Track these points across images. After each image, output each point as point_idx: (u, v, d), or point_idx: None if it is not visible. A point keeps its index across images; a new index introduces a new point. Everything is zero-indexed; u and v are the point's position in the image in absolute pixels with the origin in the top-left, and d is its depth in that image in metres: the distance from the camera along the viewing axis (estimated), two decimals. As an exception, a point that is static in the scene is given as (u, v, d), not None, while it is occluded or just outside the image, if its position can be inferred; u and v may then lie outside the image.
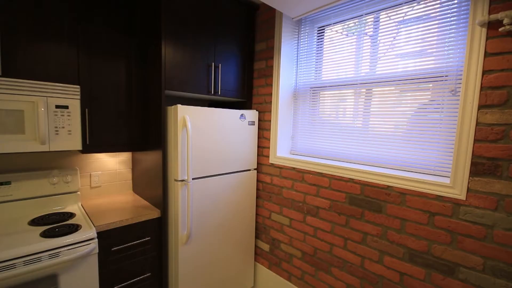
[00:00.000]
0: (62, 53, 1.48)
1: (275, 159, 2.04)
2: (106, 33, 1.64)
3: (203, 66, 1.82)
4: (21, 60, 1.37)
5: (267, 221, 2.17)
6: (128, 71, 1.76)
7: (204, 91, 1.84)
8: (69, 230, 1.42)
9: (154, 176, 1.80)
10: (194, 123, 1.68)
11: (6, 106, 1.31)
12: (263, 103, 2.13)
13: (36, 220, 1.52)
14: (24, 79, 1.36)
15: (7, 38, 1.32)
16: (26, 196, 1.62)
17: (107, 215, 1.64)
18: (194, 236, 1.76)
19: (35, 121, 1.39)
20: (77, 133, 1.53)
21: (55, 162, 1.79)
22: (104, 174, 2.01)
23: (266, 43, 2.08)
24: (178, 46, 1.68)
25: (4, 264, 1.17)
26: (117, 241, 1.57)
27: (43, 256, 1.27)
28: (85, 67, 1.57)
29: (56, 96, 1.44)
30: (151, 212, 1.71)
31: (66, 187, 1.75)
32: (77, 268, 1.38)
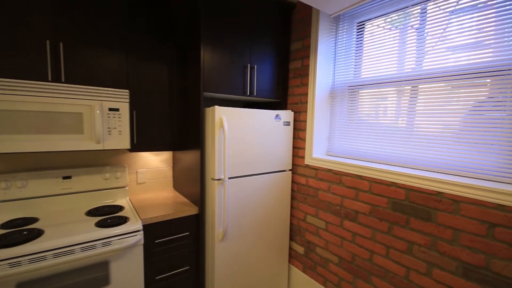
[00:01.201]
0: (114, 60, 1.64)
1: (311, 160, 2.00)
2: (150, 40, 1.77)
3: (239, 67, 1.85)
4: (79, 68, 1.54)
5: (302, 223, 2.13)
6: (170, 75, 1.87)
7: (239, 92, 1.88)
8: (119, 221, 1.55)
9: (192, 175, 1.88)
10: (230, 124, 1.72)
11: (69, 109, 1.49)
12: (298, 103, 2.10)
13: (91, 211, 1.70)
14: (83, 85, 1.53)
15: (68, 49, 1.50)
16: (83, 189, 1.82)
17: (151, 209, 1.76)
18: (230, 234, 1.80)
19: (92, 122, 1.55)
20: (126, 133, 1.67)
21: (107, 159, 1.97)
22: (148, 172, 2.16)
23: (302, 42, 2.04)
24: (216, 49, 1.73)
25: (65, 250, 1.33)
26: (160, 234, 1.67)
27: (97, 244, 1.41)
28: (133, 73, 1.72)
29: (109, 100, 1.59)
30: (190, 208, 1.79)
31: (116, 182, 1.92)
32: (125, 256, 1.50)
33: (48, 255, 1.28)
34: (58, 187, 1.72)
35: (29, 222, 1.51)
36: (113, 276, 1.47)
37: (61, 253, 1.31)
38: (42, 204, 1.68)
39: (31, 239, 1.31)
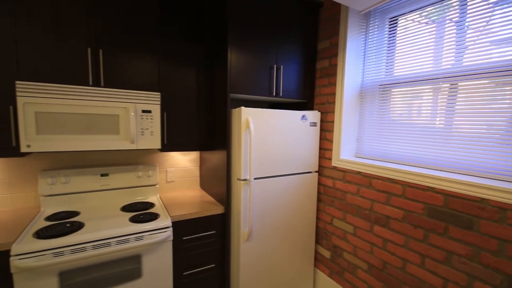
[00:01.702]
0: (147, 65, 1.73)
1: (338, 162, 1.94)
2: (180, 45, 1.84)
3: (265, 68, 1.86)
4: (116, 73, 1.64)
5: (328, 226, 2.07)
6: (198, 77, 1.93)
7: (265, 93, 1.88)
8: (150, 217, 1.63)
9: (219, 174, 1.92)
10: (256, 124, 1.73)
11: (107, 111, 1.60)
12: (325, 103, 2.05)
13: (126, 207, 1.80)
14: (119, 89, 1.63)
15: (107, 55, 1.61)
16: (119, 186, 1.94)
17: (179, 207, 1.82)
18: (255, 234, 1.81)
19: (127, 124, 1.65)
20: (158, 134, 1.75)
21: (140, 158, 2.09)
22: (177, 171, 2.24)
23: (329, 41, 2.00)
24: (243, 51, 1.76)
25: (102, 242, 1.42)
26: (187, 231, 1.73)
27: (130, 238, 1.49)
28: (164, 76, 1.80)
29: (142, 102, 1.68)
30: (216, 207, 1.83)
31: (148, 180, 2.02)
32: (156, 251, 1.57)
33: (87, 247, 1.38)
34: (97, 183, 1.85)
35: (71, 215, 1.64)
36: (145, 269, 1.55)
37: (99, 245, 1.40)
38: (82, 199, 1.82)
39: (73, 231, 1.42)
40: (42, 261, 1.27)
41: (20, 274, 1.26)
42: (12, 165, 1.69)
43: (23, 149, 1.41)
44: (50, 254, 1.30)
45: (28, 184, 1.74)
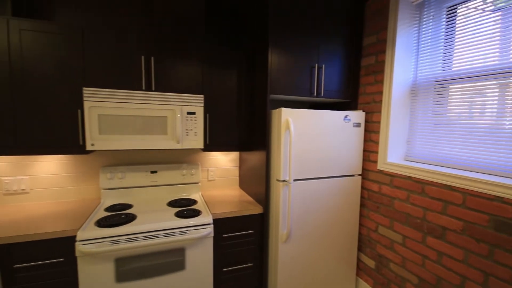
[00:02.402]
0: (191, 69, 1.82)
1: (385, 166, 1.81)
2: (221, 49, 1.90)
3: (306, 68, 1.82)
4: (165, 77, 1.77)
5: (373, 234, 1.94)
6: (238, 79, 1.97)
7: (306, 93, 1.85)
8: (193, 213, 1.72)
9: (258, 175, 1.94)
10: (296, 125, 1.71)
11: (156, 113, 1.73)
12: (371, 102, 1.93)
13: (171, 202, 1.93)
14: (167, 92, 1.75)
15: (157, 62, 1.74)
16: (166, 183, 2.08)
17: (219, 205, 1.89)
18: (293, 237, 1.78)
19: (173, 125, 1.76)
20: (201, 135, 1.84)
21: (184, 157, 2.21)
22: (217, 170, 2.33)
23: (376, 36, 1.88)
24: (283, 51, 1.75)
25: (152, 234, 1.54)
26: (227, 229, 1.77)
27: (176, 232, 1.59)
28: (207, 79, 1.88)
29: (187, 105, 1.78)
30: (255, 207, 1.85)
31: (191, 178, 2.13)
32: (198, 246, 1.65)
33: (139, 237, 1.51)
34: (147, 179, 2.02)
35: (125, 207, 1.81)
36: (188, 262, 1.63)
37: (149, 236, 1.52)
38: (135, 193, 2.00)
39: (127, 222, 1.57)
40: (101, 248, 1.43)
41: (83, 258, 1.43)
42: (78, 161, 1.93)
43: (88, 147, 1.60)
44: (108, 242, 1.45)
45: (91, 178, 1.97)
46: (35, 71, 1.52)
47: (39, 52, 1.51)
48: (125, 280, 1.50)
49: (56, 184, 1.89)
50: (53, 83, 1.55)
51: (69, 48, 1.56)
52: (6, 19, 1.44)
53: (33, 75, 1.51)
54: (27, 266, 1.37)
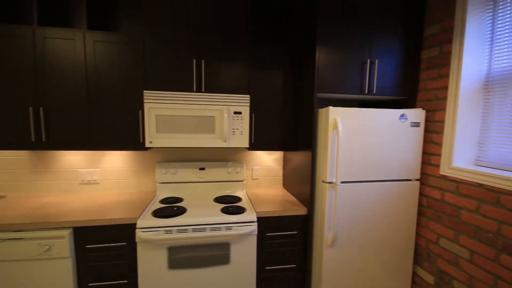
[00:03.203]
0: (238, 70, 1.87)
1: (450, 171, 1.60)
2: (267, 49, 1.90)
3: (356, 64, 1.72)
4: (214, 79, 1.84)
5: (432, 246, 1.74)
6: (284, 78, 1.96)
7: (356, 91, 1.74)
8: (238, 210, 1.76)
9: (302, 175, 1.90)
10: (345, 125, 1.62)
11: (205, 113, 1.82)
12: (433, 99, 1.73)
13: (217, 198, 2.01)
14: (216, 93, 1.83)
15: (207, 64, 1.82)
16: (212, 179, 2.18)
17: (263, 204, 1.90)
18: (340, 241, 1.70)
19: (221, 124, 1.84)
20: (246, 134, 1.88)
21: (230, 156, 2.29)
22: (261, 169, 2.35)
23: (440, 25, 1.67)
24: (332, 48, 1.67)
25: (200, 227, 1.63)
26: (270, 228, 1.78)
27: (221, 227, 1.65)
28: (252, 79, 1.91)
29: (234, 105, 1.84)
30: (299, 208, 1.81)
31: (236, 176, 2.20)
32: (242, 242, 1.69)
33: (189, 229, 1.61)
34: (196, 176, 2.14)
35: (177, 200, 1.95)
36: (232, 257, 1.69)
37: (197, 229, 1.62)
38: (185, 188, 2.14)
39: (179, 214, 1.69)
40: (157, 236, 1.56)
41: (142, 244, 1.58)
42: (138, 157, 2.15)
43: (147, 144, 1.76)
44: (162, 231, 1.58)
45: (149, 173, 2.17)
46: (105, 77, 1.73)
47: (108, 60, 1.72)
48: (176, 267, 1.62)
49: (120, 176, 2.13)
50: (119, 87, 1.75)
51: (132, 55, 1.74)
52: (82, 32, 1.67)
53: (104, 80, 1.73)
54: (97, 247, 1.58)
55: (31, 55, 1.63)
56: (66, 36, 1.65)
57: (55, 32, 1.64)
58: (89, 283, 1.59)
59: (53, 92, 1.68)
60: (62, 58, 1.66)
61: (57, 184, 2.05)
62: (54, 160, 2.03)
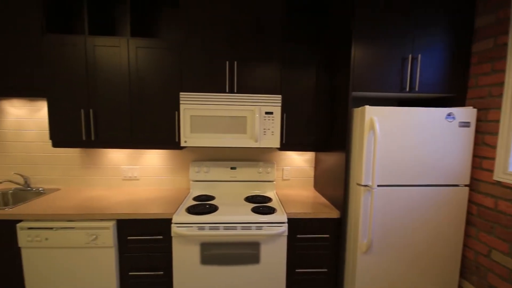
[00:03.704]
0: (270, 70, 1.87)
1: (505, 176, 1.43)
2: (300, 48, 1.88)
3: (396, 61, 1.62)
4: (246, 80, 1.87)
5: (482, 259, 1.57)
6: (317, 77, 1.91)
7: (395, 89, 1.64)
8: (268, 210, 1.76)
9: (335, 177, 1.84)
10: (382, 125, 1.54)
11: (237, 114, 1.85)
12: (485, 97, 1.56)
13: (248, 198, 2.03)
14: (248, 94, 1.85)
15: (239, 65, 1.85)
16: (243, 179, 2.21)
17: (294, 205, 1.88)
18: (375, 248, 1.62)
19: (252, 124, 1.85)
20: (277, 134, 1.87)
21: (260, 156, 2.30)
22: (292, 170, 2.32)
23: (495, 15, 1.50)
24: (369, 44, 1.60)
25: (231, 225, 1.66)
26: (301, 230, 1.75)
27: (252, 226, 1.66)
28: (285, 79, 1.89)
29: (265, 105, 1.84)
30: (331, 211, 1.76)
31: (266, 176, 2.20)
32: (272, 242, 1.68)
33: (220, 226, 1.65)
34: (227, 175, 2.19)
35: (209, 198, 2.01)
36: (262, 256, 1.69)
37: (228, 227, 1.65)
38: (217, 186, 2.20)
39: (211, 211, 1.74)
40: (190, 231, 1.63)
41: (177, 239, 1.65)
42: (174, 156, 2.25)
43: (182, 144, 1.84)
44: (195, 227, 1.64)
45: (183, 171, 2.27)
46: (146, 80, 1.84)
47: (149, 64, 1.83)
48: (208, 263, 1.67)
49: (157, 173, 2.26)
50: (158, 90, 1.85)
51: (170, 59, 1.83)
52: (126, 39, 1.80)
53: (144, 83, 1.85)
54: (137, 239, 1.69)
55: (83, 62, 1.80)
56: (113, 43, 1.79)
57: (103, 40, 1.79)
58: (130, 272, 1.71)
59: (100, 95, 1.83)
60: (109, 64, 1.81)
61: (103, 179, 2.23)
62: (100, 157, 2.21)
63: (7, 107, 2.11)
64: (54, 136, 1.84)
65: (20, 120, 2.13)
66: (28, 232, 1.61)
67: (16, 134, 2.14)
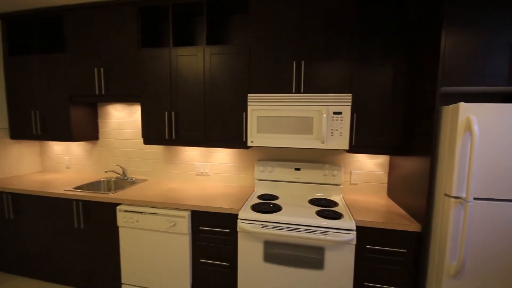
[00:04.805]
0: (340, 68, 1.77)
1: None
2: (375, 41, 1.72)
3: (501, 48, 1.32)
4: (313, 79, 1.82)
5: None
6: (395, 73, 1.72)
7: (502, 82, 1.34)
8: (334, 215, 1.67)
9: (415, 185, 1.61)
10: (482, 126, 1.27)
11: (304, 114, 1.81)
12: None
13: (312, 200, 1.97)
14: (315, 93, 1.80)
15: (307, 64, 1.81)
16: (307, 180, 2.15)
17: (363, 212, 1.73)
18: (467, 274, 1.35)
19: (319, 125, 1.79)
20: (346, 135, 1.76)
21: (326, 158, 2.20)
22: (361, 174, 2.15)
23: None
24: (464, 31, 1.35)
25: (294, 226, 1.63)
26: (372, 240, 1.60)
27: (316, 230, 1.61)
28: (356, 77, 1.76)
29: (334, 104, 1.76)
30: (409, 223, 1.55)
31: (332, 179, 2.09)
32: (338, 250, 1.59)
33: (283, 227, 1.65)
34: (291, 175, 2.17)
35: (273, 198, 2.03)
36: (327, 263, 1.61)
37: (291, 228, 1.63)
38: (280, 187, 2.21)
39: (275, 211, 1.75)
40: (254, 228, 1.67)
41: (242, 234, 1.73)
42: (240, 155, 2.37)
43: (249, 143, 1.92)
44: (259, 225, 1.68)
45: (248, 169, 2.36)
46: (218, 84, 1.99)
47: (221, 69, 1.97)
48: (270, 261, 1.69)
49: (225, 171, 2.41)
50: (228, 92, 1.98)
51: (240, 63, 1.93)
52: (202, 47, 1.98)
53: (216, 87, 1.99)
54: (207, 230, 1.84)
55: (167, 70, 2.06)
56: (191, 52, 2.00)
57: (184, 50, 2.01)
58: (200, 259, 1.87)
59: (180, 99, 2.07)
60: (188, 70, 2.03)
61: (180, 173, 2.51)
62: (178, 154, 2.50)
63: (111, 111, 2.59)
64: (145, 134, 2.17)
65: (120, 121, 2.58)
66: (124, 214, 1.93)
67: (117, 132, 2.61)
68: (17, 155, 2.62)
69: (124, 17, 2.11)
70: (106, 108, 2.60)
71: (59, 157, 2.79)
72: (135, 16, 2.09)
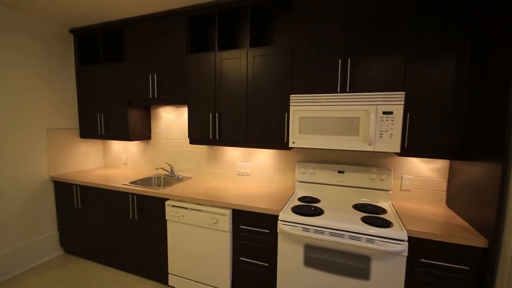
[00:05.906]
0: (391, 64, 1.64)
1: None
2: (433, 33, 1.55)
3: None
4: (360, 77, 1.72)
5: None
6: (458, 66, 1.53)
7: None
8: (382, 223, 1.56)
9: (482, 194, 1.41)
10: None
11: (349, 114, 1.72)
12: None
13: (357, 206, 1.86)
14: (362, 92, 1.70)
15: (353, 63, 1.72)
16: (352, 184, 2.04)
17: (416, 222, 1.58)
18: (553, 303, 1.13)
19: (366, 125, 1.69)
20: (397, 137, 1.62)
21: (374, 161, 2.06)
22: (415, 179, 1.96)
23: None
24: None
25: (337, 232, 1.56)
26: (426, 254, 1.45)
27: (362, 237, 1.51)
28: (410, 73, 1.62)
29: (383, 104, 1.64)
30: (473, 237, 1.37)
31: (380, 184, 1.95)
32: (386, 261, 1.47)
33: (325, 231, 1.59)
34: (334, 178, 2.08)
35: (314, 201, 1.98)
36: (373, 274, 1.51)
37: (334, 233, 1.57)
38: (322, 189, 2.13)
39: (316, 214, 1.70)
40: (294, 231, 1.65)
41: (282, 235, 1.71)
42: (281, 155, 2.35)
43: (290, 144, 1.90)
44: (300, 228, 1.65)
45: (289, 171, 2.34)
46: (260, 85, 2.01)
47: (263, 70, 1.99)
48: (311, 266, 1.65)
49: (266, 171, 2.42)
50: (270, 93, 1.98)
51: (283, 64, 1.93)
52: (246, 50, 2.02)
53: (259, 88, 2.02)
54: (247, 229, 1.86)
55: (212, 73, 2.15)
56: (235, 56, 2.06)
57: (228, 54, 2.08)
58: (240, 257, 1.91)
59: (223, 100, 2.14)
60: (231, 73, 2.09)
61: (222, 172, 2.60)
62: (221, 153, 2.59)
63: (162, 113, 2.80)
64: (191, 135, 2.30)
65: (170, 122, 2.78)
66: (172, 209, 2.07)
67: (167, 133, 2.81)
68: (84, 152, 3.00)
69: (174, 26, 2.27)
70: (158, 111, 2.82)
71: (118, 155, 3.12)
72: (184, 24, 2.23)
